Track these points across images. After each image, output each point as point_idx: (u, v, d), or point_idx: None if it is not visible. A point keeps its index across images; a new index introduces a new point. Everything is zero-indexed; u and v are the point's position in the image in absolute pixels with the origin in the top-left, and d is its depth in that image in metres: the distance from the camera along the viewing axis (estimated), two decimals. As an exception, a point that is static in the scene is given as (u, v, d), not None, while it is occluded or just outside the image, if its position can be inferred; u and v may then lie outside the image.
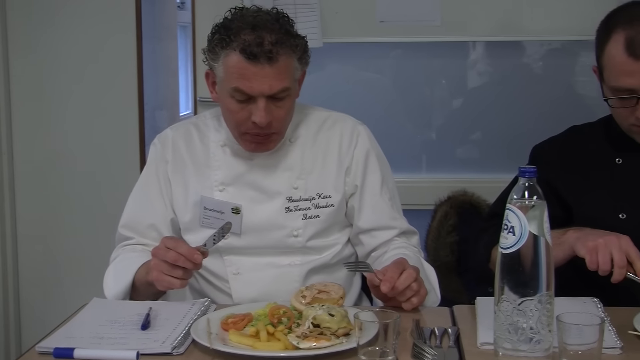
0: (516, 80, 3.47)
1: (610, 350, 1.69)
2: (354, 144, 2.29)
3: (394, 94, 3.55)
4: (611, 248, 1.88)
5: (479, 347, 1.74)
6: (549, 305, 1.57)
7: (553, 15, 3.27)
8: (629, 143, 2.19)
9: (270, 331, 1.77)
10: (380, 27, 3.34)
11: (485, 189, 2.99)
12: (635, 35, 2.01)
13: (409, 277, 1.93)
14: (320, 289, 1.94)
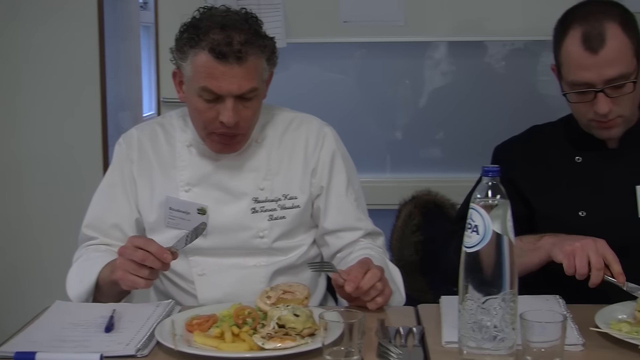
0: (479, 80, 3.49)
1: (573, 347, 1.71)
2: (320, 145, 2.29)
3: (358, 94, 3.56)
4: (588, 251, 1.90)
5: (443, 346, 1.75)
6: (513, 304, 1.58)
7: (515, 15, 3.30)
8: (588, 141, 2.21)
9: (235, 332, 1.77)
10: (343, 28, 3.34)
11: (449, 188, 3.01)
12: (591, 30, 2.05)
13: (373, 276, 1.94)
14: (285, 289, 1.94)
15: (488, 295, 1.57)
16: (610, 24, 2.06)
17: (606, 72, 2.05)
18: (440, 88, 3.55)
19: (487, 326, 1.58)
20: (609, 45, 2.04)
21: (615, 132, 2.16)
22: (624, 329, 1.76)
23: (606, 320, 1.82)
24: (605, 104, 2.07)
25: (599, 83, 2.06)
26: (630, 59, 2.07)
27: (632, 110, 2.16)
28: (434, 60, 3.56)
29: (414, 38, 3.36)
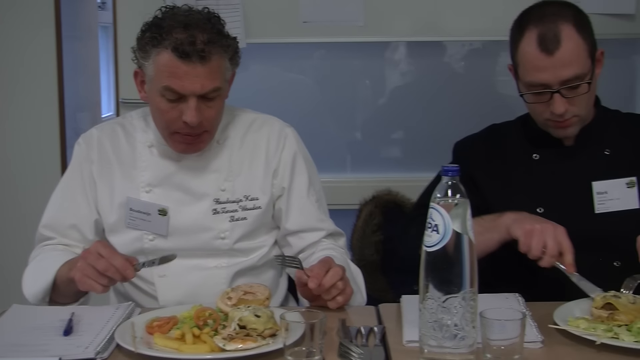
0: (438, 80, 3.51)
1: (532, 344, 1.72)
2: (282, 146, 2.29)
3: (318, 94, 3.56)
4: (546, 235, 1.94)
5: (404, 345, 1.75)
6: (473, 302, 1.59)
7: (474, 16, 3.32)
8: (545, 139, 2.24)
9: (196, 334, 1.76)
10: (303, 28, 3.34)
11: (410, 187, 3.01)
12: (546, 32, 2.07)
13: (335, 275, 1.94)
14: (246, 290, 1.93)
15: (448, 294, 1.58)
16: (564, 26, 2.09)
17: (562, 73, 2.08)
18: (399, 88, 3.57)
19: (448, 325, 1.58)
20: (564, 47, 2.07)
21: (571, 131, 2.19)
22: (582, 326, 1.78)
23: (564, 317, 1.84)
24: (561, 105, 2.10)
25: (555, 84, 2.09)
26: (585, 60, 2.10)
27: (588, 109, 2.19)
28: (394, 61, 3.57)
29: (374, 38, 3.37)
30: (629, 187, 2.18)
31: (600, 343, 1.70)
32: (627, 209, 2.18)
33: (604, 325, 1.77)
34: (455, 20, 3.34)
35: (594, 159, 2.23)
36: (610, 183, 2.19)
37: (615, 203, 2.18)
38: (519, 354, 1.59)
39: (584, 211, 2.19)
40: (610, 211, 2.18)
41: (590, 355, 1.69)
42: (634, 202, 2.18)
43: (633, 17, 3.31)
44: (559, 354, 1.71)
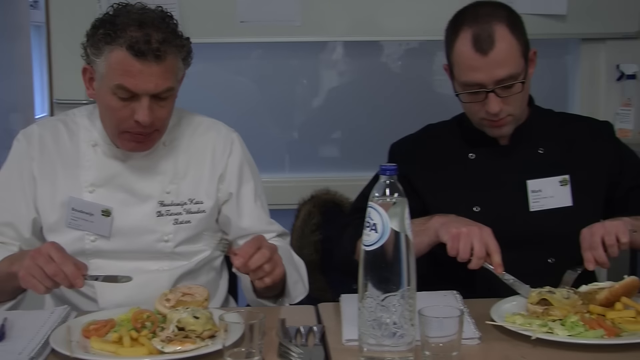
0: (376, 79, 3.53)
1: (470, 341, 1.74)
2: (228, 151, 2.28)
3: (256, 94, 3.55)
4: (472, 238, 1.95)
5: (344, 344, 1.76)
6: (411, 300, 1.60)
7: (411, 15, 3.34)
8: (481, 138, 2.27)
9: (133, 336, 1.74)
10: (240, 27, 3.32)
11: (348, 187, 3.02)
12: (480, 32, 2.10)
13: (261, 257, 1.90)
14: (185, 291, 1.92)
15: (387, 292, 1.59)
16: (498, 26, 2.11)
17: (496, 72, 2.10)
18: (337, 88, 3.58)
19: (387, 323, 1.59)
20: (498, 47, 2.10)
21: (506, 130, 2.22)
22: (518, 321, 1.81)
23: (501, 313, 1.87)
24: (496, 104, 2.13)
25: (490, 83, 2.11)
26: (518, 60, 2.13)
27: (522, 108, 2.22)
28: (331, 60, 3.58)
29: (311, 38, 3.38)
30: (562, 185, 2.22)
31: (536, 338, 1.73)
32: (561, 206, 2.21)
33: (539, 321, 1.80)
34: (392, 20, 3.35)
35: (529, 157, 2.26)
36: (544, 181, 2.22)
37: (549, 201, 2.22)
38: (457, 351, 1.61)
39: (519, 209, 2.22)
40: (544, 209, 2.22)
41: (526, 350, 1.72)
42: (567, 200, 2.22)
43: (564, 18, 3.37)
44: (496, 350, 1.74)
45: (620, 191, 2.26)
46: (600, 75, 3.50)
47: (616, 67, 3.46)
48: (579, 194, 2.22)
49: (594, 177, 2.25)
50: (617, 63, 3.46)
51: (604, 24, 3.42)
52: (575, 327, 1.75)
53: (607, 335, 1.73)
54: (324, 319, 1.94)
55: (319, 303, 2.06)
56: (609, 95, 3.48)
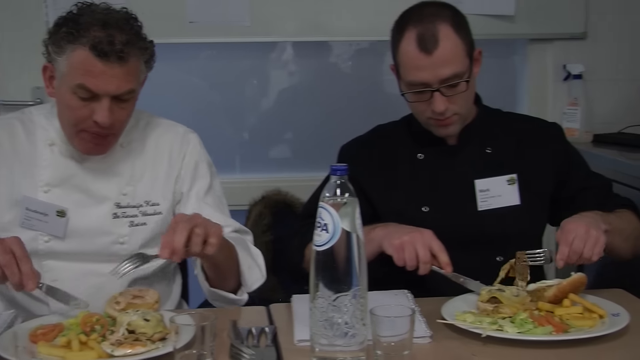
0: (326, 79, 3.53)
1: (421, 340, 1.75)
2: (184, 152, 2.26)
3: (206, 94, 3.53)
4: (415, 245, 1.96)
5: (296, 345, 1.76)
6: (363, 300, 1.61)
7: (360, 16, 3.35)
8: (429, 139, 2.28)
9: (82, 340, 1.72)
10: (190, 28, 3.31)
11: (299, 187, 3.03)
12: (425, 32, 2.11)
13: (183, 229, 1.83)
14: (135, 294, 1.90)
15: (339, 292, 1.59)
16: (442, 26, 2.13)
17: (441, 72, 2.12)
18: (288, 88, 3.58)
19: (338, 323, 1.59)
20: (443, 46, 2.11)
21: (453, 130, 2.23)
22: (469, 319, 1.82)
23: (451, 312, 1.88)
24: (442, 103, 2.14)
25: (435, 82, 2.13)
26: (463, 59, 2.14)
27: (468, 107, 2.23)
28: (281, 61, 3.57)
29: (261, 38, 3.37)
30: (509, 184, 2.24)
31: (486, 336, 1.74)
32: (508, 205, 2.23)
33: (489, 319, 1.82)
34: (341, 20, 3.36)
35: (476, 157, 2.28)
36: (492, 181, 2.24)
37: (497, 200, 2.23)
38: (408, 350, 1.61)
39: (467, 209, 2.23)
40: (492, 208, 2.23)
41: (477, 347, 1.73)
42: (514, 199, 2.24)
43: (512, 19, 3.41)
44: (447, 348, 1.75)
45: (567, 192, 2.28)
46: (548, 75, 3.55)
47: (563, 67, 3.51)
48: (526, 193, 2.24)
49: (541, 176, 2.27)
50: (563, 63, 3.51)
51: (550, 24, 3.46)
52: (524, 324, 1.77)
53: (556, 332, 1.76)
54: (275, 319, 1.94)
55: (271, 304, 2.06)
56: (556, 95, 3.52)
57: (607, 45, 3.51)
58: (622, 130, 3.45)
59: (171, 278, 2.31)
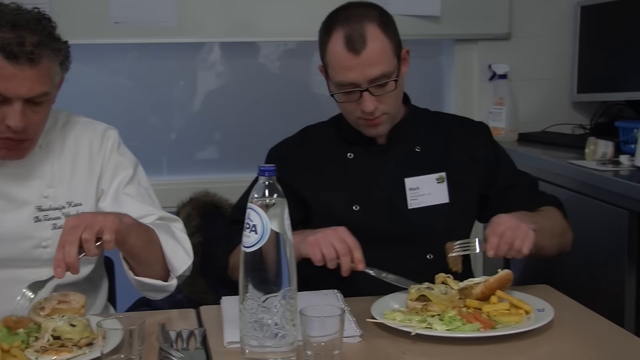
0: (254, 80, 3.52)
1: (351, 339, 1.76)
2: (104, 149, 2.22)
3: (133, 95, 3.49)
4: (331, 240, 1.96)
5: (225, 347, 1.75)
6: (292, 300, 1.60)
7: (288, 16, 3.35)
8: (358, 138, 2.28)
9: (5, 348, 1.67)
10: (115, 28, 3.26)
11: (227, 189, 3.01)
12: (352, 32, 2.12)
13: (69, 228, 1.81)
14: (60, 299, 1.86)
15: (268, 293, 1.58)
16: (370, 26, 2.13)
17: (369, 71, 2.12)
18: (215, 89, 3.55)
19: (268, 324, 1.59)
20: (370, 46, 2.12)
21: (382, 129, 2.24)
22: (398, 318, 1.83)
23: (381, 310, 1.89)
24: (371, 103, 2.15)
25: (363, 82, 2.13)
26: (390, 59, 2.16)
27: (397, 107, 2.25)
28: (209, 62, 3.55)
29: (187, 39, 3.34)
30: (438, 182, 2.26)
31: (416, 334, 1.76)
32: (438, 203, 2.25)
33: (419, 317, 1.83)
34: (269, 20, 3.35)
35: (406, 156, 2.29)
36: (421, 179, 2.26)
37: (426, 198, 2.25)
38: (338, 349, 1.62)
39: (397, 207, 2.25)
40: (422, 206, 2.25)
41: (407, 346, 1.75)
42: (444, 197, 2.26)
43: (438, 19, 3.45)
44: (376, 347, 1.76)
45: (494, 189, 2.31)
46: (473, 75, 3.60)
47: (488, 67, 3.56)
48: (455, 191, 2.26)
49: (469, 174, 2.29)
50: (489, 63, 3.56)
51: (475, 25, 3.51)
52: (453, 322, 1.79)
53: (483, 328, 1.78)
54: (205, 322, 1.93)
55: (200, 306, 2.04)
56: (482, 95, 3.58)
57: (531, 46, 3.57)
58: (546, 129, 3.52)
59: (97, 282, 2.27)
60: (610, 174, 2.66)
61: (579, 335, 1.84)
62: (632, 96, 3.15)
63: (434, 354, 1.72)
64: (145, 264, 2.03)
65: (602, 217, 2.66)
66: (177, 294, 2.63)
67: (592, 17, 3.47)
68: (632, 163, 2.63)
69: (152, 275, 2.05)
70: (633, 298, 2.53)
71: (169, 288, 2.07)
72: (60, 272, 1.79)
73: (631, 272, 2.53)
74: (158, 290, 2.07)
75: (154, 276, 2.05)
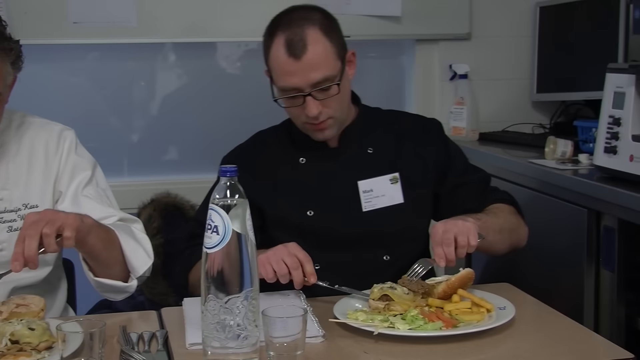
0: (215, 81, 3.51)
1: (314, 339, 1.76)
2: (61, 150, 2.20)
3: (93, 96, 3.45)
4: (281, 255, 1.94)
5: (188, 348, 1.74)
6: (255, 301, 1.60)
7: (248, 16, 3.33)
8: (309, 143, 2.25)
9: (-39, 354, 1.65)
10: (74, 28, 3.22)
11: (188, 189, 3.00)
12: (293, 37, 2.11)
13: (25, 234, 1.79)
14: (19, 302, 1.84)
15: (230, 294, 1.58)
16: (311, 30, 2.12)
17: (311, 76, 2.10)
18: (176, 90, 3.53)
19: (231, 325, 1.58)
20: (312, 50, 2.10)
21: (329, 133, 2.21)
22: (360, 318, 1.83)
23: (343, 310, 1.89)
24: (314, 107, 2.13)
25: (306, 87, 2.11)
26: (333, 62, 2.13)
27: (343, 110, 2.21)
28: (169, 62, 3.53)
29: (147, 39, 3.31)
30: (392, 183, 2.25)
31: (378, 333, 1.76)
32: (392, 204, 2.24)
33: (381, 316, 1.83)
34: (230, 21, 3.34)
35: (358, 158, 2.27)
36: (375, 181, 2.24)
37: (381, 200, 2.24)
38: (301, 350, 1.62)
39: (352, 210, 2.23)
40: (376, 208, 2.23)
41: (369, 345, 1.75)
42: (398, 197, 2.24)
43: (399, 20, 3.46)
44: (339, 347, 1.76)
45: (446, 187, 2.30)
46: (435, 75, 3.61)
47: (449, 67, 3.58)
48: (409, 190, 2.25)
49: (422, 173, 2.28)
50: (449, 63, 3.58)
51: (436, 25, 3.53)
52: (415, 321, 1.79)
53: (445, 327, 1.79)
54: (167, 323, 1.91)
55: (162, 308, 2.03)
56: (443, 94, 3.59)
57: (491, 46, 3.60)
58: (506, 128, 3.55)
59: (55, 284, 2.25)
60: (570, 172, 2.69)
61: (539, 332, 1.85)
62: (590, 96, 3.19)
63: (396, 353, 1.72)
64: (105, 264, 2.01)
65: (562, 215, 2.68)
66: (138, 296, 2.62)
67: (551, 17, 3.51)
68: (590, 162, 2.66)
69: (112, 276, 2.03)
70: (592, 295, 2.56)
71: (129, 289, 2.06)
72: (18, 265, 1.77)
73: (590, 270, 2.56)
74: (118, 291, 2.05)
75: (114, 277, 2.03)
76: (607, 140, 2.48)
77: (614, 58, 2.99)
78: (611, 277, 2.49)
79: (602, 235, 2.51)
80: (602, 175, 2.54)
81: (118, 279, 2.04)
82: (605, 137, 2.49)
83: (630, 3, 2.92)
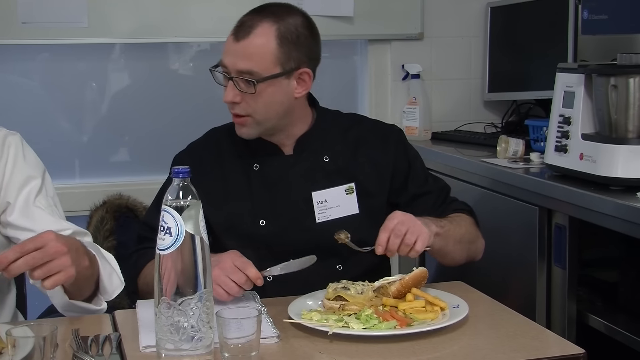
0: (167, 81, 3.48)
1: (268, 340, 1.75)
2: (5, 158, 2.10)
3: (43, 97, 3.41)
4: (226, 274, 1.92)
5: (141, 351, 1.72)
6: (209, 303, 1.60)
7: (201, 17, 3.32)
8: (263, 148, 2.22)
9: None
10: (23, 29, 3.18)
11: (140, 191, 2.98)
12: (247, 21, 2.12)
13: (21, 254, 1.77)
14: (-32, 308, 1.81)
15: (184, 296, 1.57)
16: (267, 24, 2.10)
17: (238, 62, 2.08)
18: (127, 90, 3.50)
19: (185, 327, 1.58)
20: (251, 39, 2.08)
21: (246, 132, 2.16)
22: (315, 318, 1.83)
23: (298, 311, 1.89)
24: (230, 92, 2.10)
25: (232, 70, 2.10)
26: (268, 63, 2.09)
27: (265, 116, 2.14)
28: (120, 63, 3.50)
29: (98, 40, 3.28)
30: (347, 193, 2.21)
31: (333, 333, 1.76)
32: (347, 215, 2.21)
33: (335, 316, 1.84)
34: (181, 21, 3.32)
35: (314, 166, 2.22)
36: (329, 192, 2.21)
37: (335, 211, 2.20)
38: (255, 351, 1.62)
39: (305, 221, 2.19)
40: (330, 219, 2.20)
41: (324, 345, 1.75)
42: (353, 208, 2.21)
43: (351, 20, 3.47)
44: (294, 347, 1.76)
45: (406, 197, 2.27)
46: (387, 75, 3.63)
47: (401, 67, 3.60)
48: (365, 200, 2.22)
49: (379, 182, 2.25)
50: (402, 63, 3.60)
51: (388, 25, 3.55)
52: (369, 320, 1.80)
53: (400, 326, 1.79)
54: (120, 326, 1.90)
55: (115, 310, 2.01)
56: (396, 94, 3.61)
57: (443, 46, 3.62)
58: (459, 128, 3.57)
59: (3, 289, 2.19)
60: (521, 171, 2.72)
61: (493, 329, 1.87)
62: (540, 95, 3.22)
63: (351, 352, 1.73)
64: (79, 288, 1.95)
65: (514, 213, 2.71)
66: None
67: (502, 17, 3.54)
68: (541, 160, 2.68)
69: (81, 297, 1.98)
70: (544, 292, 2.59)
71: (100, 312, 2.01)
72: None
73: (542, 267, 2.59)
74: (87, 312, 1.99)
75: (82, 298, 1.98)
76: (558, 139, 2.51)
77: (563, 58, 3.03)
78: (562, 274, 2.52)
79: (554, 233, 2.54)
80: (553, 173, 2.57)
81: (85, 299, 1.99)
82: (555, 136, 2.52)
83: (578, 4, 2.96)
